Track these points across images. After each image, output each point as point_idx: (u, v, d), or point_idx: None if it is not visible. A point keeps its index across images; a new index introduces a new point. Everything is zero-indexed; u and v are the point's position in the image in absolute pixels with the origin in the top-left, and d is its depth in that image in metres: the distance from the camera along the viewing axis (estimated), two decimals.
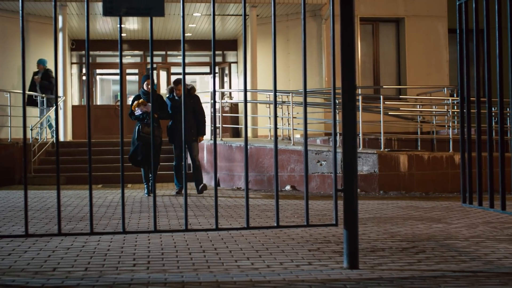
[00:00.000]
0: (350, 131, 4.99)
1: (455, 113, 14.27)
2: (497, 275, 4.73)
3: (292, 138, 13.84)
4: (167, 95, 11.85)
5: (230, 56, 22.51)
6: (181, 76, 11.11)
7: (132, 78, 23.38)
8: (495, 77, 5.96)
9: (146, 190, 11.62)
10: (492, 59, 6.02)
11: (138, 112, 11.22)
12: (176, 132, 11.62)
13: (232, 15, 18.63)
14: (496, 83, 5.81)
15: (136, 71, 22.68)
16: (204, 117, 11.99)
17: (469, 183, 6.15)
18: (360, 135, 12.99)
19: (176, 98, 11.75)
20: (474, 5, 6.15)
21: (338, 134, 12.50)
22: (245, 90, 5.10)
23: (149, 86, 11.17)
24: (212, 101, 15.18)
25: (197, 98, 12.01)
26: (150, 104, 11.02)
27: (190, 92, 11.71)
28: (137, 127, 11.30)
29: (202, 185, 11.84)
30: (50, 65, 17.17)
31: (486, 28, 5.97)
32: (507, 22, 5.64)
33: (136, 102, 11.28)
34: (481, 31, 6.05)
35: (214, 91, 4.99)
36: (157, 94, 11.85)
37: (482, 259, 5.40)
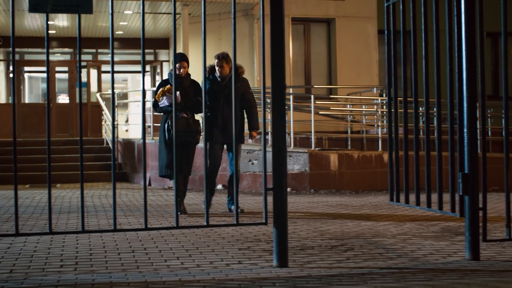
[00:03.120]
0: (279, 130, 5.02)
1: (384, 112, 14.52)
2: (422, 271, 4.84)
3: None
4: (206, 76, 8.30)
5: (162, 55, 22.33)
6: (224, 50, 8.70)
7: (62, 76, 22.94)
8: (421, 77, 6.08)
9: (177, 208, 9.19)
10: (418, 59, 6.15)
11: (164, 102, 8.46)
12: (215, 128, 8.70)
13: (164, 13, 18.50)
14: (423, 84, 5.94)
15: (65, 68, 22.25)
16: (256, 106, 8.95)
17: (396, 181, 6.27)
18: (291, 134, 13.09)
19: (219, 79, 8.68)
20: (401, 6, 6.27)
21: (269, 133, 12.57)
22: (174, 90, 5.07)
23: (182, 69, 8.54)
24: (142, 99, 14.76)
25: (246, 82, 8.84)
26: (178, 92, 8.32)
27: (237, 72, 8.53)
28: (166, 125, 8.55)
29: (240, 208, 8.91)
30: None
31: (413, 29, 6.09)
32: (432, 24, 5.76)
33: (161, 89, 8.51)
34: (408, 33, 6.17)
35: (143, 89, 4.95)
36: (192, 79, 8.76)
37: (409, 256, 5.51)
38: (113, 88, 5.02)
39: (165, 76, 21.94)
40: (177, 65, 8.47)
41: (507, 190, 5.42)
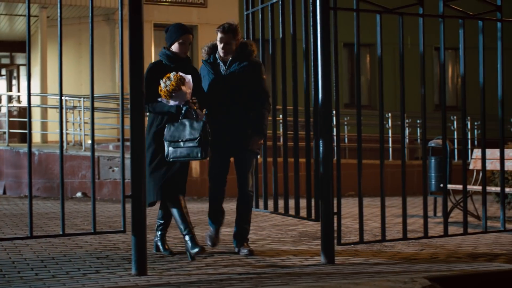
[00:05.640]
0: (138, 137, 4.96)
1: None
2: (279, 276, 4.93)
3: (83, 144, 13.52)
4: (204, 59, 6.27)
5: (19, 58, 21.58)
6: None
7: None
8: (279, 85, 6.21)
9: (193, 246, 5.56)
10: (277, 68, 6.28)
11: (171, 101, 5.63)
12: (219, 133, 5.98)
13: (20, 15, 17.89)
14: (281, 92, 6.07)
15: None
16: (270, 102, 6.09)
17: (255, 188, 6.35)
18: None
19: (220, 63, 6.10)
20: (260, 16, 6.39)
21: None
22: (29, 94, 4.92)
23: (184, 46, 6.05)
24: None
25: (259, 66, 5.99)
26: (189, 78, 5.69)
27: (245, 52, 6.03)
28: (156, 129, 5.81)
29: (242, 247, 6.01)
30: None
31: (272, 37, 6.21)
32: (289, 33, 5.90)
33: (166, 78, 5.61)
34: (267, 41, 6.29)
35: None
36: (192, 65, 6.21)
37: (267, 261, 5.59)
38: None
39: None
40: (180, 40, 6.03)
41: (360, 195, 5.63)
